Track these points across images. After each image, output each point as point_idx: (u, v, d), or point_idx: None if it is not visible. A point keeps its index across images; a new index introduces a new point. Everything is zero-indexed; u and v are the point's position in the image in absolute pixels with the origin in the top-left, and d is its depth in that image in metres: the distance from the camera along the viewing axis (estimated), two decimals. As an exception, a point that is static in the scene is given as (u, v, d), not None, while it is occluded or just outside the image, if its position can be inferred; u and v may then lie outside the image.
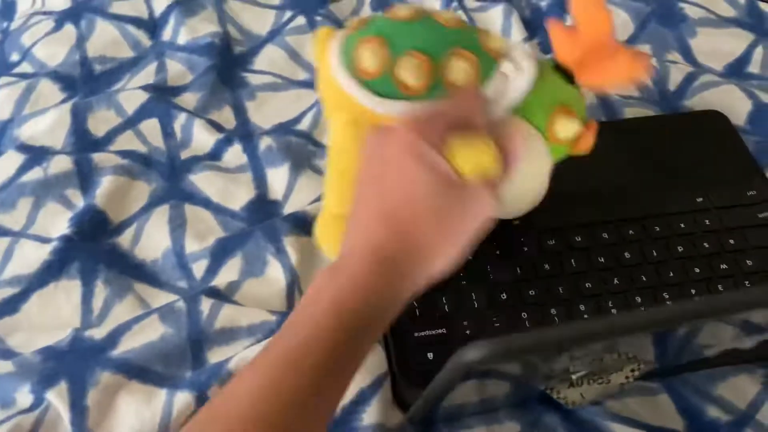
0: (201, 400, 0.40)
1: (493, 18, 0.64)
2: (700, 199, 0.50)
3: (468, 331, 0.43)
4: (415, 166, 0.34)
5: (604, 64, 0.38)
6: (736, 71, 0.61)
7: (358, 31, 0.40)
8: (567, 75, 0.40)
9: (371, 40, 0.38)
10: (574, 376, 0.33)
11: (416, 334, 0.43)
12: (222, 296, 0.45)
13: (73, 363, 0.41)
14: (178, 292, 0.46)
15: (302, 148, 0.53)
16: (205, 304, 0.44)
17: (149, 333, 0.43)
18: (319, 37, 0.41)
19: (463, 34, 0.39)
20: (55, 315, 0.45)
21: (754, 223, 0.49)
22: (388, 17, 0.40)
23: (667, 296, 0.45)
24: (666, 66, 0.60)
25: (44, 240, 0.48)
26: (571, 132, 0.39)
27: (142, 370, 0.41)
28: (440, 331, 0.43)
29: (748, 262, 0.47)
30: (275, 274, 0.46)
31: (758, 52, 0.61)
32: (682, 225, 0.49)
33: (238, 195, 0.51)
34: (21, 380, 0.40)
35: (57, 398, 0.40)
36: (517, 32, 0.62)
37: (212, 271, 0.47)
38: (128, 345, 0.42)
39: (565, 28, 0.39)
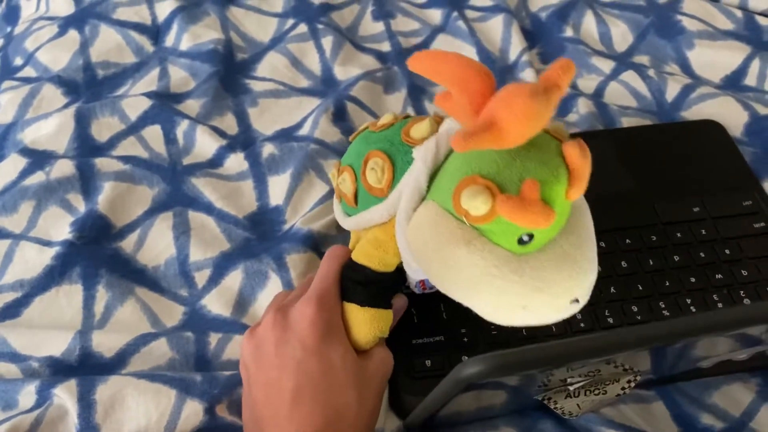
0: (211, 412, 0.40)
1: (493, 28, 0.65)
2: (696, 209, 0.51)
3: (465, 338, 0.44)
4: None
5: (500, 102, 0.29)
6: (733, 83, 0.61)
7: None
8: None
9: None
10: (571, 387, 0.33)
11: (414, 342, 0.44)
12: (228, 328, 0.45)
13: (81, 375, 0.41)
14: (179, 299, 0.47)
15: (303, 154, 0.53)
16: (213, 338, 0.44)
17: (157, 358, 0.43)
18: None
19: (386, 134, 0.39)
20: (57, 319, 0.45)
21: (749, 233, 0.50)
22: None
23: (663, 306, 0.46)
24: (664, 77, 0.60)
25: (45, 243, 0.48)
26: (478, 207, 0.30)
27: (151, 372, 0.42)
28: (438, 338, 0.44)
29: (743, 272, 0.47)
30: (275, 289, 0.46)
31: (755, 64, 0.61)
32: (679, 234, 0.49)
33: (240, 202, 0.51)
34: (26, 383, 0.40)
35: (65, 392, 0.39)
36: (517, 42, 0.63)
37: (214, 281, 0.47)
38: (136, 367, 0.43)
39: (448, 96, 0.31)
